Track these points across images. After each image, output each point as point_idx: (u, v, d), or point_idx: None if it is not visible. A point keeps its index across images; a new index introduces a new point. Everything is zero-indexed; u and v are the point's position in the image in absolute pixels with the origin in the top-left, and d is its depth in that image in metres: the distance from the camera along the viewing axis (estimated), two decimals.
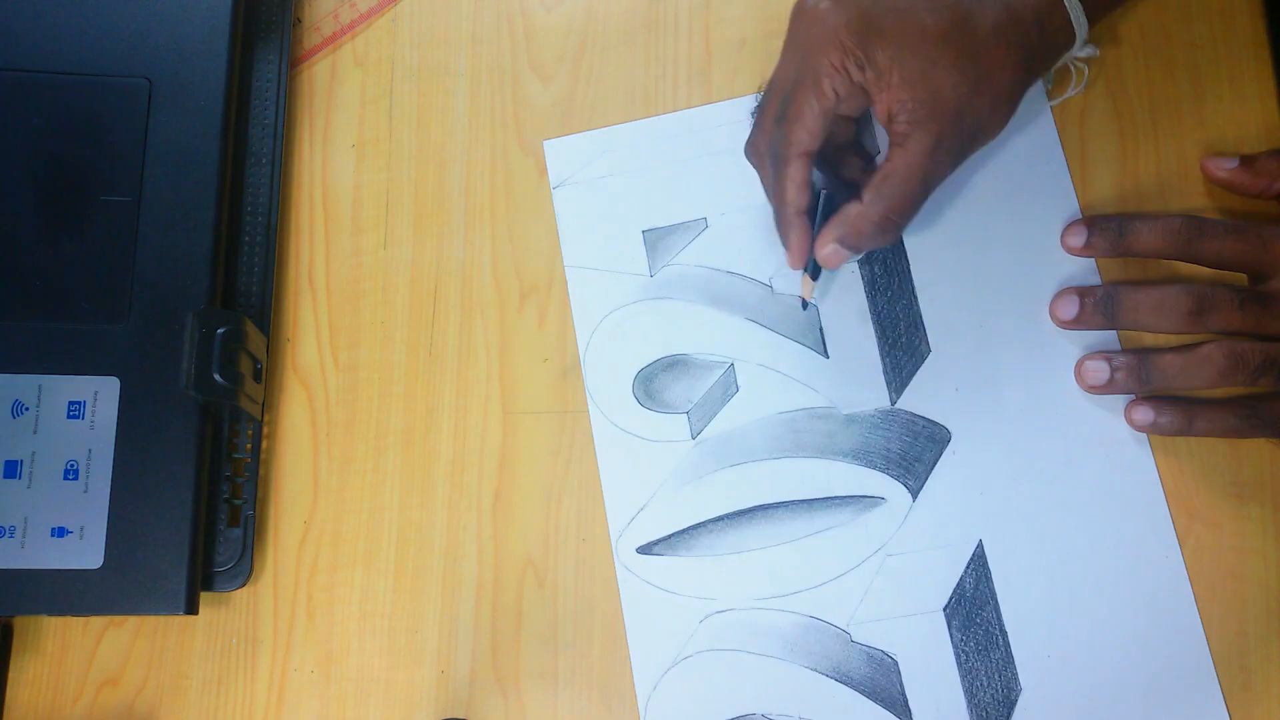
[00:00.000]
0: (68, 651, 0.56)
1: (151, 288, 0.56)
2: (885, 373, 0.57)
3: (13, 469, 0.54)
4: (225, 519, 0.56)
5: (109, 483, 0.54)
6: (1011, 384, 0.56)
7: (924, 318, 0.57)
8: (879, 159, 0.54)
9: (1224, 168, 0.56)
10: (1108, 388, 0.54)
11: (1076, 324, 0.55)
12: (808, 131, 0.51)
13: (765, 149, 0.54)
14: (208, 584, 0.55)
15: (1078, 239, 0.55)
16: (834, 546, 0.55)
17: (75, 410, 0.54)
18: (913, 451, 0.56)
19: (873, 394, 0.56)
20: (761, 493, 0.56)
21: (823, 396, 0.57)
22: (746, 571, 0.55)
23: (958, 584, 0.54)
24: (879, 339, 0.57)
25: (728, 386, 0.57)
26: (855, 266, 0.58)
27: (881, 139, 0.58)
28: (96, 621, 0.57)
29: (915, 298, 0.57)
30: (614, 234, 0.60)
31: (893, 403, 0.56)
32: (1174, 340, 0.54)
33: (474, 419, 0.58)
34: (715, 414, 0.57)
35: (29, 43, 0.58)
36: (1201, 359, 0.52)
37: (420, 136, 0.63)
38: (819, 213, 0.53)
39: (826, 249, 0.52)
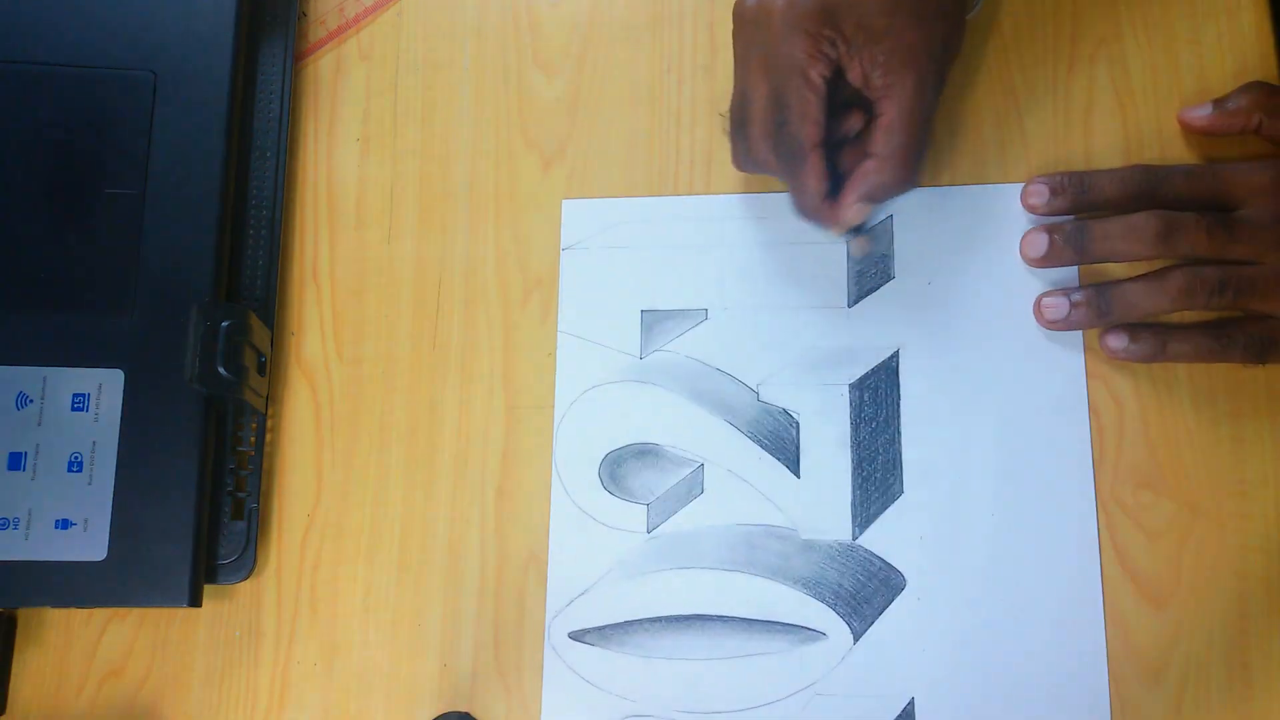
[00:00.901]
0: (71, 643, 0.57)
1: (156, 280, 0.56)
2: (853, 505, 0.55)
3: (17, 461, 0.54)
4: (229, 512, 0.56)
5: (113, 475, 0.54)
6: (978, 545, 0.54)
7: (903, 457, 0.55)
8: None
9: (1199, 115, 0.56)
10: (1066, 323, 0.54)
11: (1046, 261, 0.55)
12: (814, 124, 0.52)
13: (768, 156, 0.54)
14: (211, 577, 0.55)
15: (1038, 198, 0.55)
16: (766, 673, 0.54)
17: (79, 402, 0.54)
18: (864, 592, 0.54)
19: (836, 524, 0.55)
20: (705, 602, 0.55)
21: (785, 517, 0.55)
22: (674, 680, 0.54)
23: None
24: (853, 469, 0.55)
25: (693, 486, 0.56)
26: (845, 391, 0.56)
27: None
28: (100, 613, 0.57)
29: (899, 435, 0.56)
30: (612, 308, 0.59)
31: (854, 538, 0.55)
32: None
33: (477, 413, 0.58)
34: (675, 512, 0.56)
35: (34, 36, 0.58)
36: (1161, 280, 0.52)
37: (425, 130, 0.63)
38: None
39: (851, 210, 0.53)
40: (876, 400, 0.56)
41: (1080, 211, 0.55)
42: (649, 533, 0.56)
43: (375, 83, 0.63)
